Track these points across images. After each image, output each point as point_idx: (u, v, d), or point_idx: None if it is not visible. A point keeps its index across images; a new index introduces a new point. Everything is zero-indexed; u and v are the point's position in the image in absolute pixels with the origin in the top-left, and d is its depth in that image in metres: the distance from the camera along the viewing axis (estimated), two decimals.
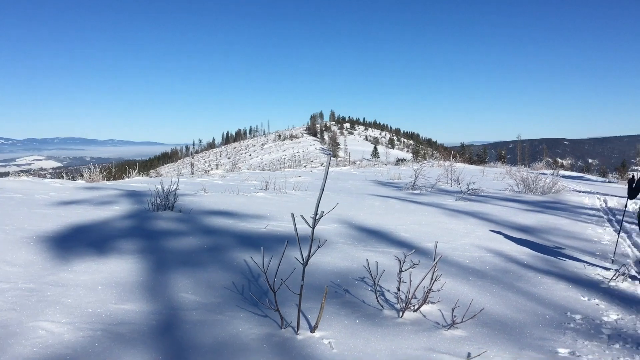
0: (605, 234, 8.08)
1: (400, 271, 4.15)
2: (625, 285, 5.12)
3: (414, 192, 13.94)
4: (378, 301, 4.21)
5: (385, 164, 35.31)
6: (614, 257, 6.49)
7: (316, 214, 3.34)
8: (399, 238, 7.01)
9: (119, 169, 16.67)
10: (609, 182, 26.18)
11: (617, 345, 3.62)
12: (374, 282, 4.20)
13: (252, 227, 7.01)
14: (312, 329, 3.55)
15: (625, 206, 6.99)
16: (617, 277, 5.19)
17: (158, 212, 7.46)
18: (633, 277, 5.54)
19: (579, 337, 3.77)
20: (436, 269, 4.09)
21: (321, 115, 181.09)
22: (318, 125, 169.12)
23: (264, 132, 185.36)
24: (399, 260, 4.21)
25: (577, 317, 4.20)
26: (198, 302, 3.99)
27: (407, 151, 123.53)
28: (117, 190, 10.27)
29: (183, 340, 3.29)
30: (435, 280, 4.12)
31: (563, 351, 3.50)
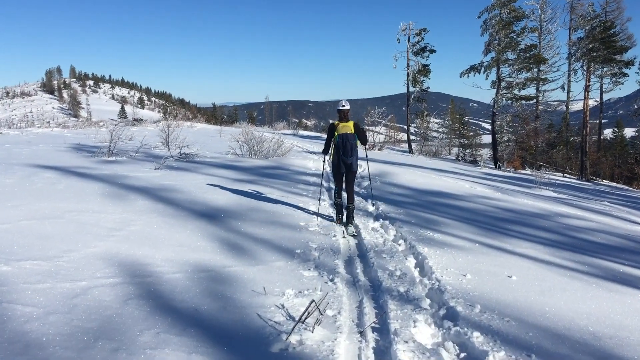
0: (315, 217, 6.00)
1: None
2: (317, 336, 2.81)
3: (109, 158, 10.75)
4: None
5: (116, 124, 30.06)
6: (315, 250, 4.50)
7: None
8: None
9: None
10: None
11: None
12: None
13: None
14: None
15: (323, 169, 6.16)
16: (306, 317, 2.86)
17: None
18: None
19: None
20: None
21: (59, 70, 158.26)
22: (56, 82, 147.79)
23: None
24: None
25: None
26: None
27: (159, 111, 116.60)
28: None
29: None
30: None
31: None
